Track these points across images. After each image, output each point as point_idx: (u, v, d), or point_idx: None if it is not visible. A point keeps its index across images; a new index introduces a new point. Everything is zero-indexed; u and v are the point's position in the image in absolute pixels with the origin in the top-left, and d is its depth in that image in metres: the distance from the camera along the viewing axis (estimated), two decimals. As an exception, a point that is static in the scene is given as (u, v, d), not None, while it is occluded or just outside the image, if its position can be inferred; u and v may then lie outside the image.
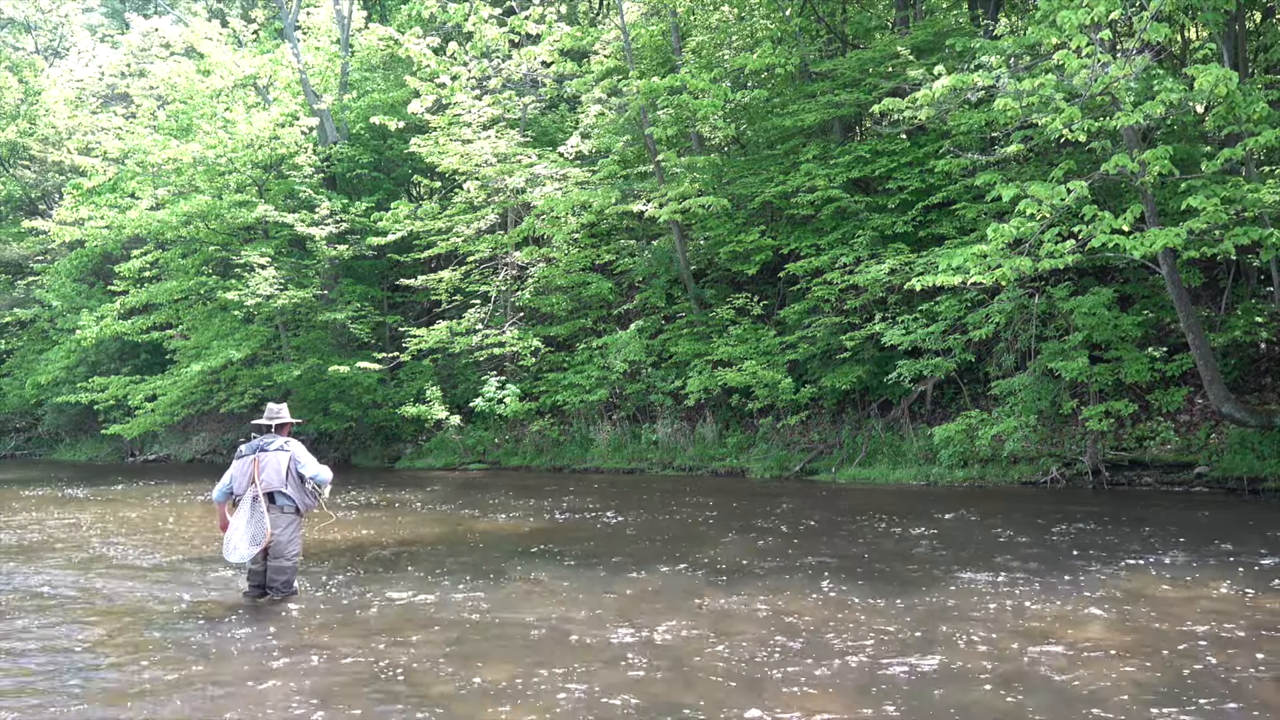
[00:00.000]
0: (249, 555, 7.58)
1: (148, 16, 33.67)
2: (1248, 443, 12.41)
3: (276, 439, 7.93)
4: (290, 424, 8.23)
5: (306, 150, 22.59)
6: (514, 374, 19.92)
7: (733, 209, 18.01)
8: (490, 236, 20.47)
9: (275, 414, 8.15)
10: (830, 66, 17.36)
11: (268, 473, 7.72)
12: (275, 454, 7.80)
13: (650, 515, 12.17)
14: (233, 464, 7.95)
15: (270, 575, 7.76)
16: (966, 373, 15.15)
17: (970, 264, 11.69)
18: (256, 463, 7.77)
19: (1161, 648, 5.93)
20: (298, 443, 8.00)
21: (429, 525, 12.08)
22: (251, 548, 7.56)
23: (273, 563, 7.74)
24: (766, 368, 15.95)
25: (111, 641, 6.85)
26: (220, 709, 5.37)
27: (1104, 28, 11.13)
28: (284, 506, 7.75)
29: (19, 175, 33.23)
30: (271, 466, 7.74)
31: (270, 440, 7.90)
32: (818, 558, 8.99)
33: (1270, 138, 10.19)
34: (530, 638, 6.59)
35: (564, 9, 26.40)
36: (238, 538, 7.59)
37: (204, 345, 22.35)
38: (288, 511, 7.76)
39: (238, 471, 7.85)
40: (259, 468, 7.74)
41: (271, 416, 8.13)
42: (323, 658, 6.26)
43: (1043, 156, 14.98)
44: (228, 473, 7.95)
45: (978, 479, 13.94)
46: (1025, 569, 8.17)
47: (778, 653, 6.04)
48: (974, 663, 5.73)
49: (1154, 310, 14.02)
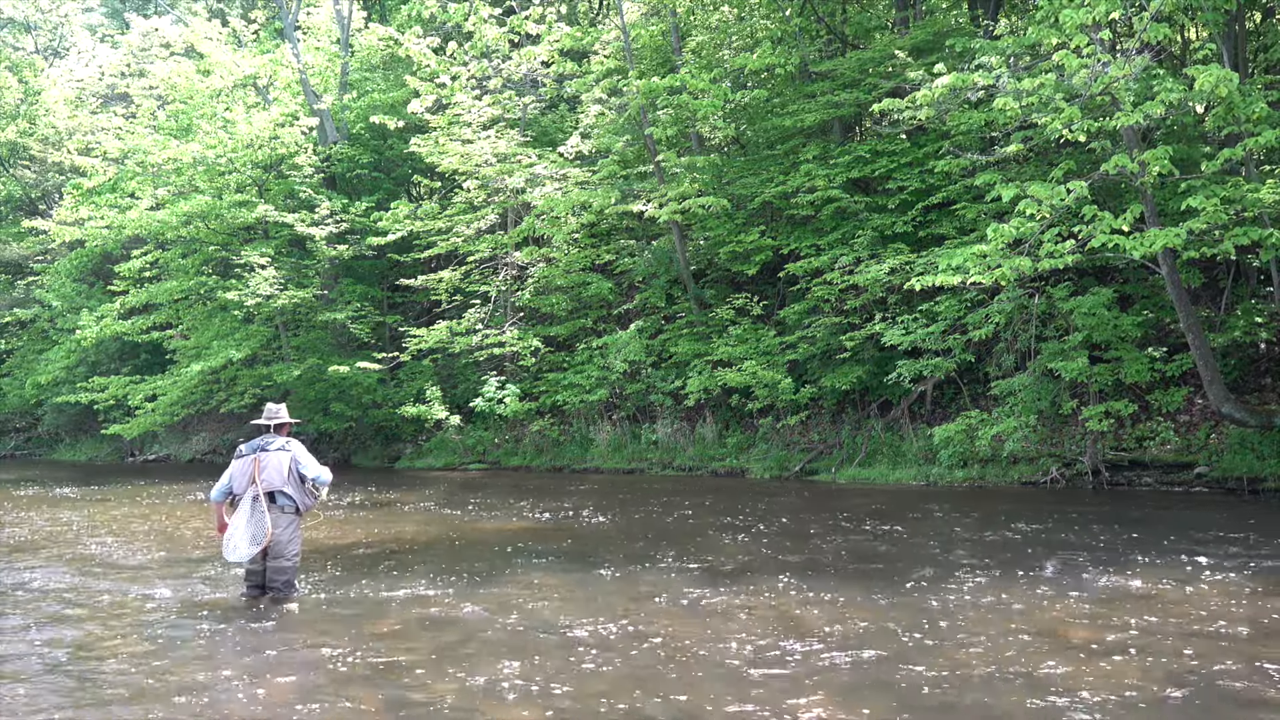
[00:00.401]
0: (249, 554, 7.57)
1: (148, 16, 33.67)
2: (1248, 443, 12.41)
3: (277, 439, 7.92)
4: (289, 424, 8.23)
5: (306, 150, 22.59)
6: (514, 374, 19.92)
7: (733, 209, 18.01)
8: (490, 236, 20.47)
9: (274, 414, 8.15)
10: (830, 67, 17.36)
11: (269, 472, 7.71)
12: (277, 454, 7.79)
13: (649, 515, 12.17)
14: (232, 464, 7.93)
15: (271, 575, 7.74)
16: (966, 373, 15.15)
17: (970, 264, 11.69)
18: (257, 462, 7.76)
19: (1161, 648, 5.93)
20: (298, 443, 7.99)
21: (429, 525, 12.08)
22: (252, 547, 7.54)
23: (273, 563, 7.72)
24: (766, 368, 15.95)
25: (109, 642, 6.85)
26: (220, 709, 5.37)
27: (1104, 28, 11.13)
28: (284, 506, 7.74)
29: (19, 175, 33.24)
30: (273, 466, 7.74)
31: (271, 440, 7.89)
32: (816, 557, 8.99)
33: (1270, 138, 10.19)
34: (529, 637, 6.59)
35: (564, 9, 26.41)
36: (238, 537, 7.57)
37: (204, 345, 22.35)
38: (288, 511, 7.75)
39: (238, 471, 7.83)
40: (259, 467, 7.73)
41: (271, 416, 8.13)
42: (322, 657, 6.26)
43: (1043, 156, 14.98)
44: (226, 472, 7.93)
45: (977, 479, 13.94)
46: (1024, 569, 8.17)
47: (775, 652, 6.04)
48: (971, 662, 5.73)
49: (1154, 310, 14.02)
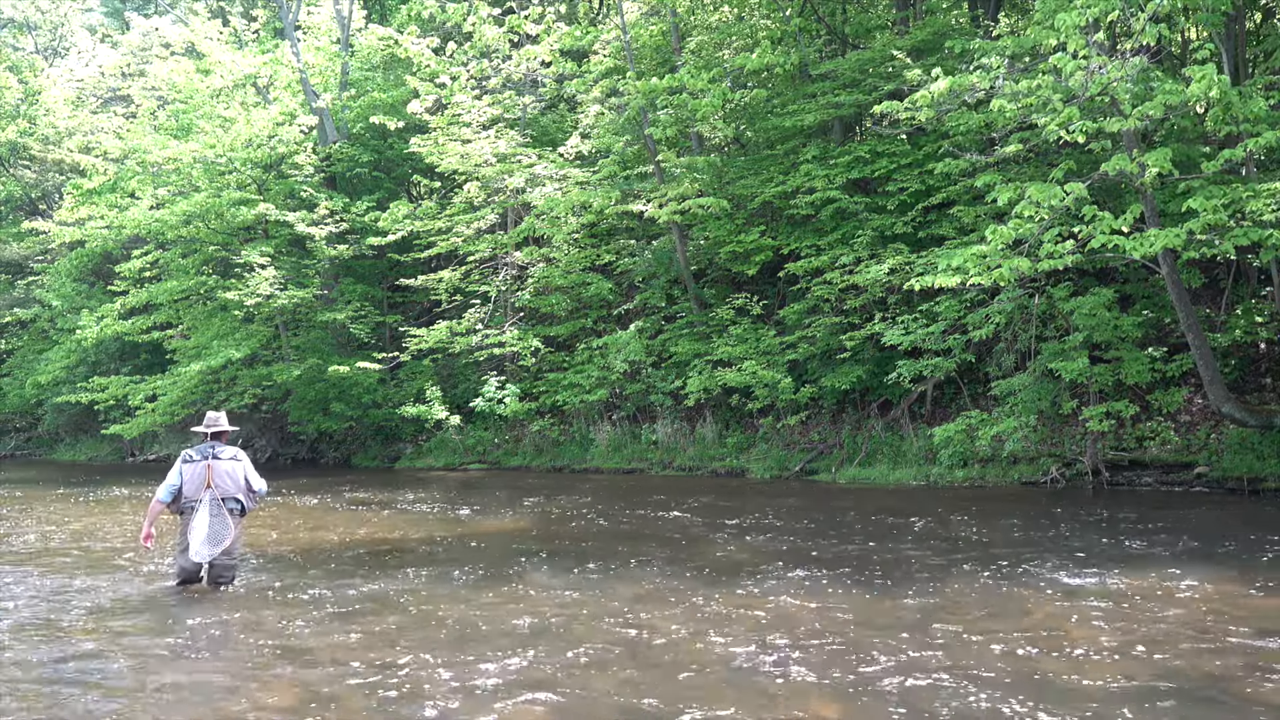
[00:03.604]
0: (212, 555, 8.11)
1: (148, 16, 33.67)
2: (1248, 443, 12.42)
3: (226, 448, 8.49)
4: (228, 431, 8.75)
5: (306, 149, 22.59)
6: (514, 374, 19.93)
7: (732, 209, 18.02)
8: (490, 236, 20.48)
9: (214, 421, 8.68)
10: (830, 67, 17.36)
11: (226, 480, 8.29)
12: (230, 462, 8.38)
13: (649, 515, 12.18)
14: (180, 468, 8.35)
15: (220, 570, 8.30)
16: (966, 373, 15.16)
17: (970, 264, 11.69)
18: (210, 469, 8.28)
19: (1161, 648, 5.93)
20: (244, 454, 8.61)
21: (428, 525, 12.08)
22: (214, 548, 8.10)
23: (223, 559, 8.29)
24: (766, 368, 15.96)
25: (103, 641, 6.86)
26: (221, 709, 5.37)
27: (1100, 29, 11.13)
28: (233, 510, 8.33)
29: (19, 175, 33.24)
30: (229, 474, 8.33)
31: (221, 449, 8.45)
32: (816, 557, 8.99)
33: (1271, 139, 10.19)
34: (529, 637, 6.60)
35: (564, 9, 26.40)
36: (198, 540, 8.10)
37: (204, 345, 22.35)
38: (236, 514, 8.36)
39: (190, 476, 8.29)
40: (213, 473, 8.27)
41: (211, 424, 8.65)
42: (321, 657, 6.27)
43: (1042, 157, 14.98)
44: (174, 475, 8.34)
45: (978, 479, 13.94)
46: (1024, 569, 8.18)
47: (775, 652, 6.04)
48: (971, 663, 5.74)
49: (1154, 310, 14.02)
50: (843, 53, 18.20)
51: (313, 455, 24.60)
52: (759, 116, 18.93)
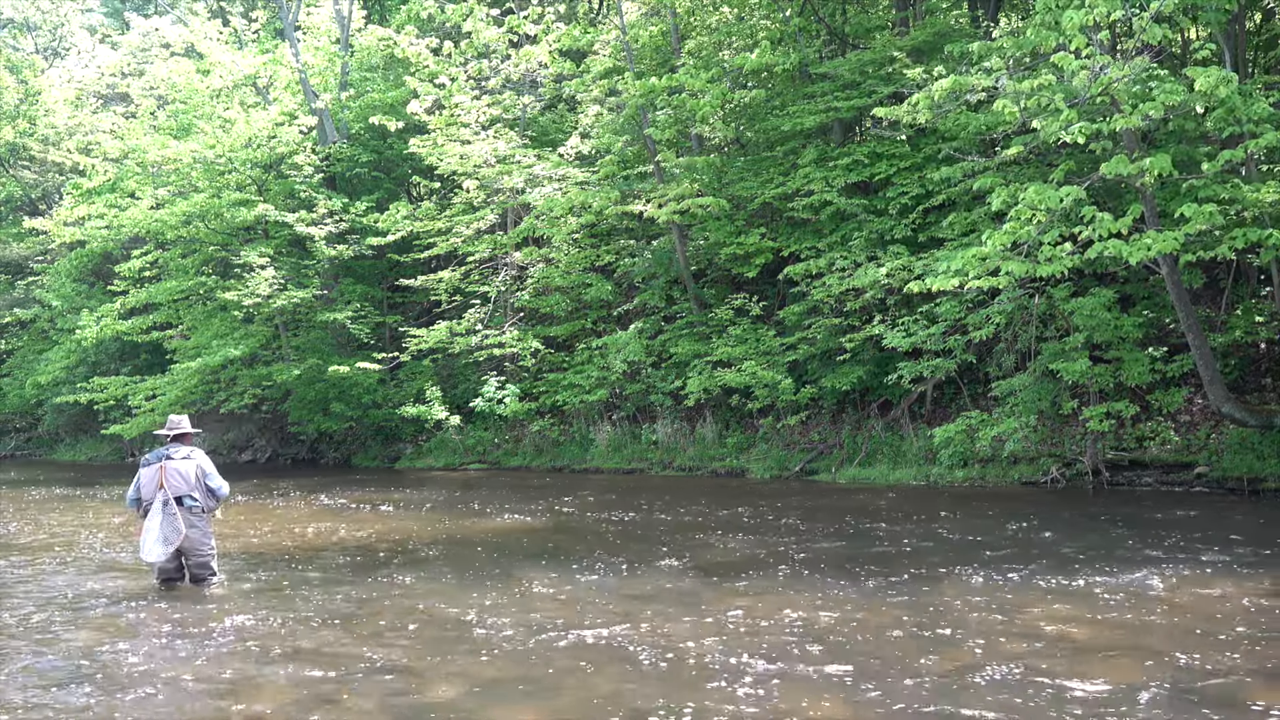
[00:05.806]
0: (164, 555, 8.28)
1: (147, 16, 33.65)
2: (1248, 443, 12.41)
3: (181, 448, 8.59)
4: (190, 434, 8.89)
5: (306, 150, 22.58)
6: (514, 374, 19.92)
7: (732, 210, 18.00)
8: (490, 237, 20.47)
9: (176, 424, 8.85)
10: (830, 68, 17.34)
11: (176, 478, 8.39)
12: (182, 461, 8.49)
13: (649, 515, 12.17)
14: (140, 472, 8.54)
15: (194, 570, 8.49)
16: (966, 373, 15.15)
17: (969, 267, 11.67)
18: (163, 469, 8.42)
19: (1161, 648, 5.93)
20: (202, 453, 8.69)
21: (428, 525, 12.08)
22: (165, 547, 8.25)
23: (194, 559, 8.46)
24: (766, 368, 15.95)
25: (102, 640, 6.85)
26: (220, 708, 5.37)
27: (1103, 29, 11.12)
28: (192, 508, 8.43)
29: (19, 175, 33.23)
30: (180, 473, 8.42)
31: (175, 449, 8.56)
32: (816, 558, 8.99)
33: (1272, 139, 10.18)
34: (529, 637, 6.59)
35: (563, 9, 26.39)
36: (151, 539, 8.25)
37: (204, 345, 22.34)
38: (196, 511, 8.45)
39: (145, 479, 8.46)
40: (166, 474, 8.40)
41: (172, 427, 8.81)
42: (321, 657, 6.26)
43: (1043, 158, 14.97)
44: (134, 480, 8.54)
45: (978, 479, 13.94)
46: (1024, 569, 8.17)
47: (775, 652, 6.04)
48: (971, 662, 5.74)
49: (1154, 310, 14.01)
50: (843, 53, 18.17)
51: (313, 455, 24.60)
52: (759, 117, 18.92)
